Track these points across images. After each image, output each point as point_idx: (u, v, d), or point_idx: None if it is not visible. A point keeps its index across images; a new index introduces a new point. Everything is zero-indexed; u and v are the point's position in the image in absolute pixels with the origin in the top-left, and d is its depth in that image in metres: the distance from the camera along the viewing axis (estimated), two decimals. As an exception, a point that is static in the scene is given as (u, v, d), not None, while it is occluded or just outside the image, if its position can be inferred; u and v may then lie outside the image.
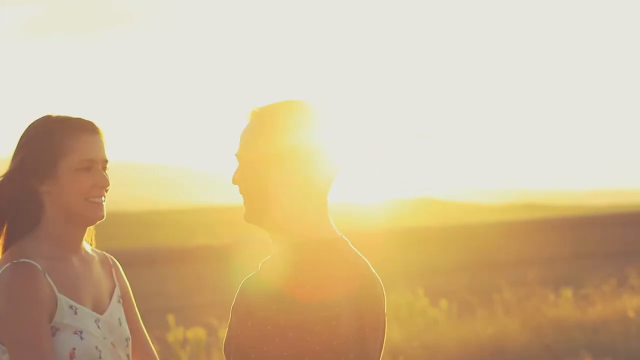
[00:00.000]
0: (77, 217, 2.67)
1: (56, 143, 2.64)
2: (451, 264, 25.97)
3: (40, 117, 2.70)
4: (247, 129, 2.48)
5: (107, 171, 2.74)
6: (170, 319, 10.13)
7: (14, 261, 2.59)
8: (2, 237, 2.70)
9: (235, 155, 2.50)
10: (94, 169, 2.67)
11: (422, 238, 35.68)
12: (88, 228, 2.78)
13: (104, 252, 2.90)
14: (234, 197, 2.99)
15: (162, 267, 32.14)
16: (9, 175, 2.66)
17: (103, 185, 2.68)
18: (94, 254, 2.84)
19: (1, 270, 2.59)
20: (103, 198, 2.70)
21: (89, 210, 2.67)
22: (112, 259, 2.91)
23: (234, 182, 2.50)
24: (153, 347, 2.96)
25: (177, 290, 21.42)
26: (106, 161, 2.72)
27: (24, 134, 2.70)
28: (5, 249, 2.68)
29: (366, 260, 2.56)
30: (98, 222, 2.73)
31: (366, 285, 2.51)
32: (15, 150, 2.69)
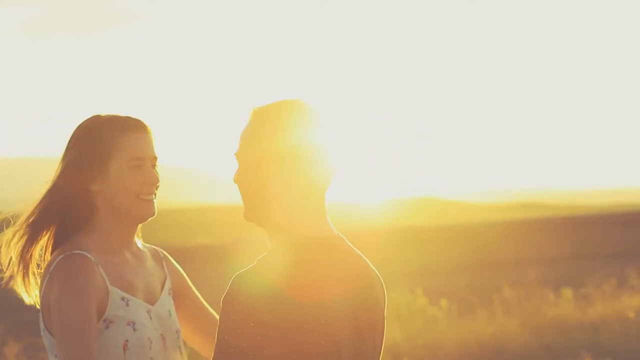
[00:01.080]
0: (129, 214, 2.68)
1: (106, 142, 2.65)
2: (451, 264, 25.96)
3: (89, 117, 2.73)
4: (246, 128, 2.49)
5: (156, 169, 2.76)
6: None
7: (68, 253, 2.61)
8: (54, 236, 2.72)
9: (235, 154, 2.51)
10: (144, 166, 2.69)
11: (422, 238, 35.63)
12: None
13: (154, 246, 2.93)
14: (234, 197, 2.99)
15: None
16: (61, 176, 2.68)
17: (153, 182, 2.70)
18: (145, 249, 2.87)
19: (55, 261, 2.61)
20: (153, 195, 2.71)
21: (140, 207, 2.68)
22: (162, 252, 2.94)
23: (234, 181, 2.52)
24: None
25: (177, 290, 21.36)
26: (155, 158, 2.73)
27: (73, 134, 2.72)
28: (57, 247, 2.71)
29: (366, 259, 2.56)
30: (149, 219, 2.75)
31: (365, 285, 2.51)
32: (65, 151, 2.71)
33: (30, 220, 2.70)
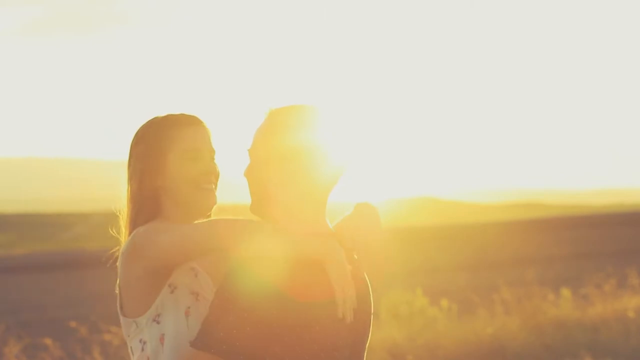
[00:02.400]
0: (192, 206, 2.75)
1: (162, 138, 2.74)
2: (451, 264, 25.97)
3: (147, 120, 2.82)
4: (260, 127, 2.60)
5: (215, 161, 2.82)
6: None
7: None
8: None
9: (247, 150, 2.61)
10: (200, 157, 2.75)
11: (422, 238, 35.67)
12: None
13: None
14: (233, 197, 3.03)
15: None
16: (133, 179, 2.76)
17: (209, 171, 2.76)
18: None
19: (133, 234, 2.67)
20: (213, 185, 2.77)
21: (201, 197, 2.74)
22: None
23: (244, 175, 2.62)
24: None
25: (177, 290, 21.37)
26: (213, 151, 2.80)
27: (133, 138, 2.80)
28: None
29: (359, 260, 2.63)
30: (213, 209, 2.80)
31: (360, 285, 2.58)
32: (129, 154, 2.80)
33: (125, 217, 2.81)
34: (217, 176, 2.80)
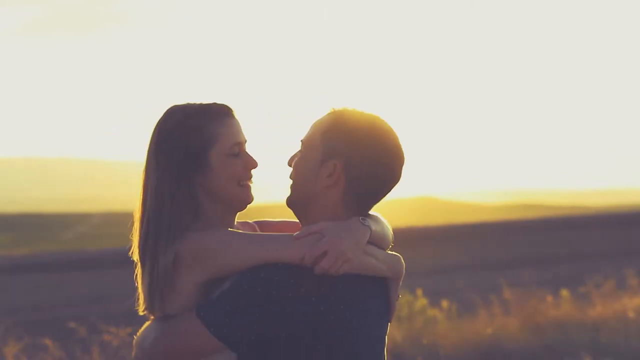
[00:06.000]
0: (232, 202, 2.64)
1: (203, 132, 2.58)
2: (451, 264, 25.97)
3: (170, 110, 2.64)
4: (323, 122, 2.54)
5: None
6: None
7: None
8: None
9: (301, 140, 2.57)
10: (242, 152, 2.64)
11: (422, 238, 35.67)
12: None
13: (247, 221, 2.90)
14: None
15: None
16: (162, 173, 2.59)
17: (254, 166, 2.65)
18: (242, 229, 2.84)
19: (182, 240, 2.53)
20: (252, 181, 2.68)
21: (241, 194, 2.63)
22: (255, 225, 2.92)
23: (289, 164, 2.58)
24: None
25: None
26: (246, 141, 2.67)
27: (160, 129, 2.62)
28: None
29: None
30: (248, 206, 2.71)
31: None
32: (155, 147, 2.62)
33: (139, 219, 2.64)
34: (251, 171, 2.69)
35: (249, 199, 2.65)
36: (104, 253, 39.38)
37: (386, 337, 2.57)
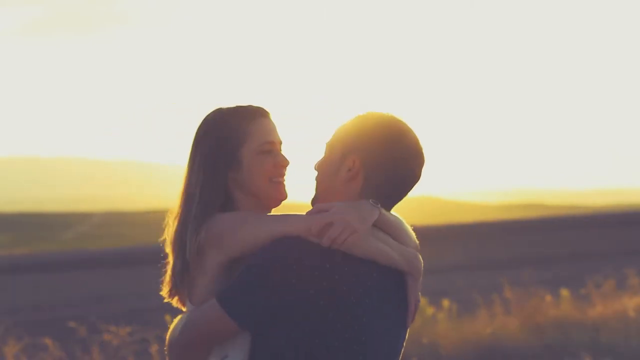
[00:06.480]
0: (264, 198, 2.74)
1: (235, 131, 2.72)
2: (451, 263, 25.96)
3: (212, 111, 2.80)
4: (344, 125, 2.65)
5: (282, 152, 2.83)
6: (169, 319, 10.15)
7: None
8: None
9: (326, 144, 2.67)
10: (274, 150, 2.75)
11: (422, 237, 35.61)
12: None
13: None
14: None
15: (161, 266, 32.04)
16: (197, 170, 2.73)
17: (284, 164, 2.76)
18: None
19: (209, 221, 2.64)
20: (284, 178, 2.78)
21: (274, 190, 2.74)
22: None
23: (315, 168, 2.68)
24: None
25: (177, 290, 21.33)
26: (281, 143, 2.80)
27: (199, 130, 2.77)
28: None
29: None
30: (282, 203, 2.81)
31: None
32: (193, 146, 2.76)
33: (177, 214, 2.74)
34: (286, 168, 2.80)
35: (281, 195, 2.76)
36: (104, 253, 39.39)
37: (402, 336, 2.61)
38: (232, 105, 2.78)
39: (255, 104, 2.79)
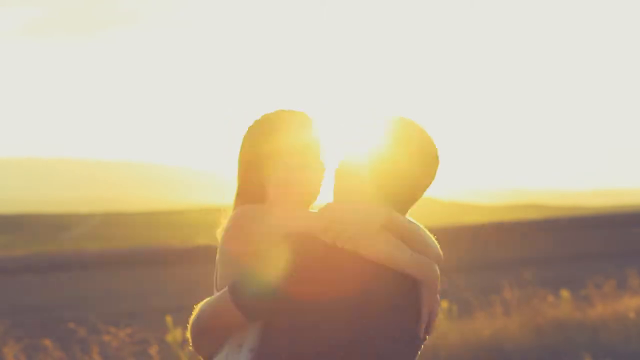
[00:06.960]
0: (299, 195, 2.83)
1: (272, 131, 2.84)
2: (451, 264, 25.96)
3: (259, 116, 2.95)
4: (357, 127, 2.75)
5: (321, 155, 2.92)
6: (169, 320, 10.14)
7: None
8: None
9: (341, 145, 2.76)
10: (306, 152, 2.85)
11: (422, 238, 35.59)
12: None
13: None
14: (233, 197, 3.05)
15: (161, 267, 32.10)
16: (241, 167, 2.87)
17: (315, 165, 2.84)
18: None
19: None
20: (318, 178, 2.86)
21: (304, 188, 2.83)
22: None
23: (329, 169, 2.77)
24: None
25: (176, 290, 21.40)
26: (319, 145, 2.88)
27: (245, 132, 2.92)
28: None
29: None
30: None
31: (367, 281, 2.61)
32: (241, 146, 2.92)
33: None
34: (322, 170, 2.86)
35: (313, 192, 2.84)
36: (104, 253, 39.42)
37: (411, 346, 2.59)
38: (277, 109, 2.91)
39: (298, 109, 2.91)
